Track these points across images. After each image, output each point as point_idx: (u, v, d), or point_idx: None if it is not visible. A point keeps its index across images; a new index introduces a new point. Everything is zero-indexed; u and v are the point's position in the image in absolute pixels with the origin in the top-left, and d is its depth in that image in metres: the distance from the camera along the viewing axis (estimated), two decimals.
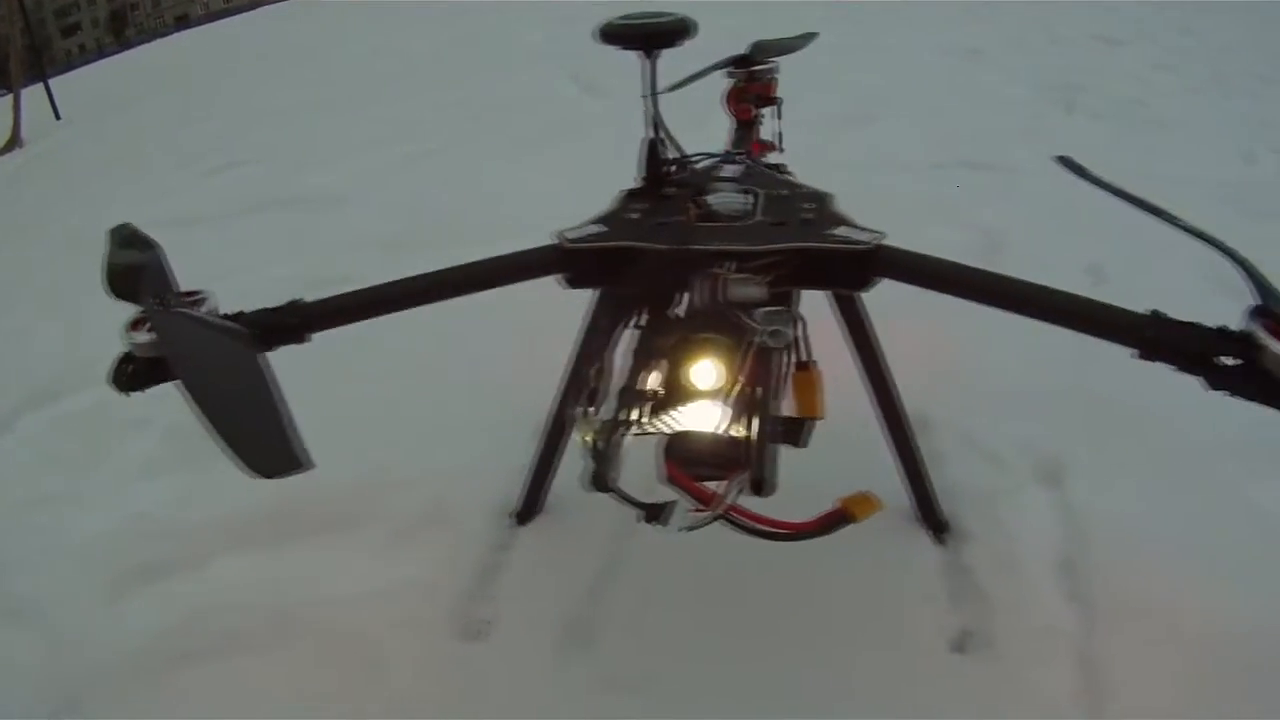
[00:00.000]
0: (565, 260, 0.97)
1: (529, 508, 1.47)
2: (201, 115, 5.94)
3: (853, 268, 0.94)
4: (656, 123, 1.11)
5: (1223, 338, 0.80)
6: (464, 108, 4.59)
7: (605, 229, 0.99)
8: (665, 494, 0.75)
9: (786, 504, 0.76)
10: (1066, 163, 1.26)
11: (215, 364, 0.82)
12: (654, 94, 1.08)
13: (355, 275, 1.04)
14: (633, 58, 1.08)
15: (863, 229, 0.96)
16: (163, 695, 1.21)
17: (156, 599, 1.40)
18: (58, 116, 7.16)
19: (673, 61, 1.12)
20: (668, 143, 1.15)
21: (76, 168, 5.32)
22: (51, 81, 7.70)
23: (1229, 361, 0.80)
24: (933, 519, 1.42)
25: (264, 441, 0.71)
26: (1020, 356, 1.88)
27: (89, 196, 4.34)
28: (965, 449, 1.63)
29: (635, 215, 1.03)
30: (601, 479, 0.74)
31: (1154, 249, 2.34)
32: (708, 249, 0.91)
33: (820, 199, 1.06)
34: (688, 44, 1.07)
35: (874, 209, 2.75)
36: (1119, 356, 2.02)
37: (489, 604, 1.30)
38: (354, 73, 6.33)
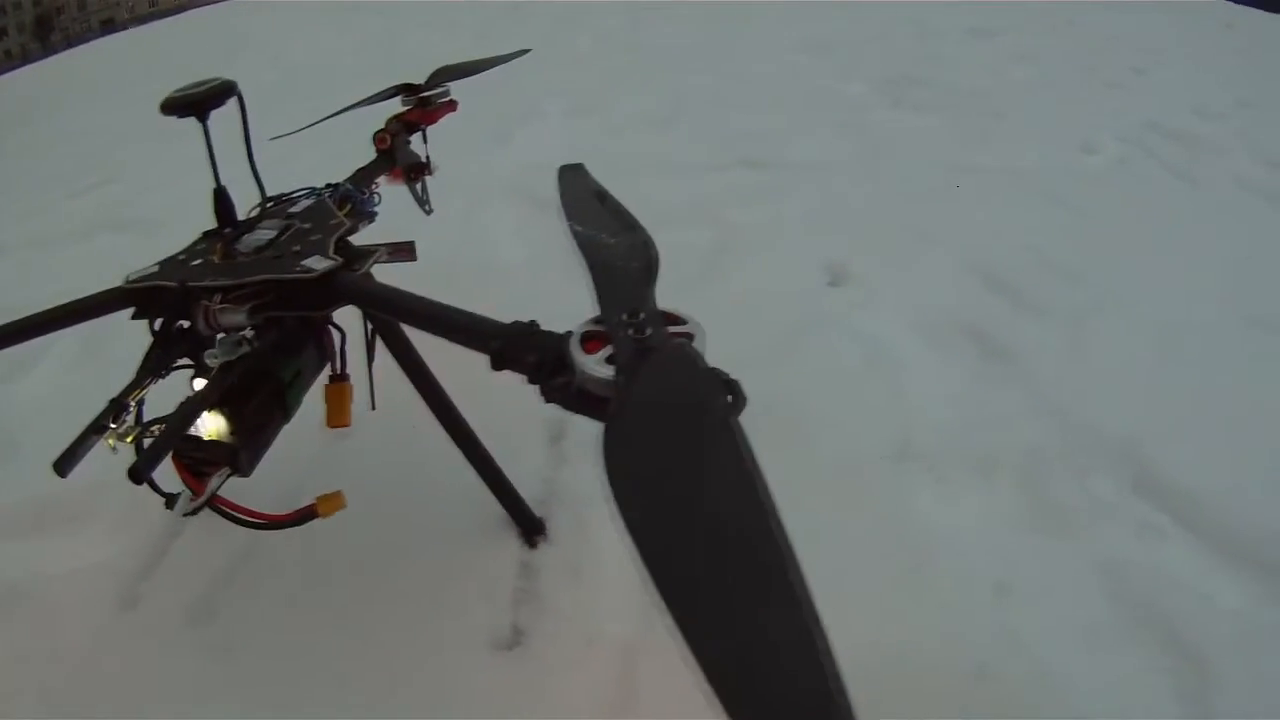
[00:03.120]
0: (125, 298, 1.12)
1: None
2: (91, 129, 5.97)
3: (312, 294, 1.06)
4: (254, 170, 1.37)
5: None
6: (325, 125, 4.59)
7: (158, 269, 1.14)
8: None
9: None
10: (568, 173, 1.31)
11: None
12: (249, 143, 1.33)
13: None
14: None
15: (329, 259, 1.08)
16: None
17: None
18: None
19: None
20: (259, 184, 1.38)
21: None
22: None
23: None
24: (524, 521, 1.50)
25: None
26: None
27: None
28: (587, 451, 1.61)
29: (183, 255, 1.18)
30: (136, 472, 0.90)
31: (907, 249, 2.33)
32: (200, 284, 1.06)
33: (330, 231, 1.18)
34: None
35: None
36: (782, 362, 2.01)
37: (149, 581, 1.54)
38: (243, 84, 6.32)
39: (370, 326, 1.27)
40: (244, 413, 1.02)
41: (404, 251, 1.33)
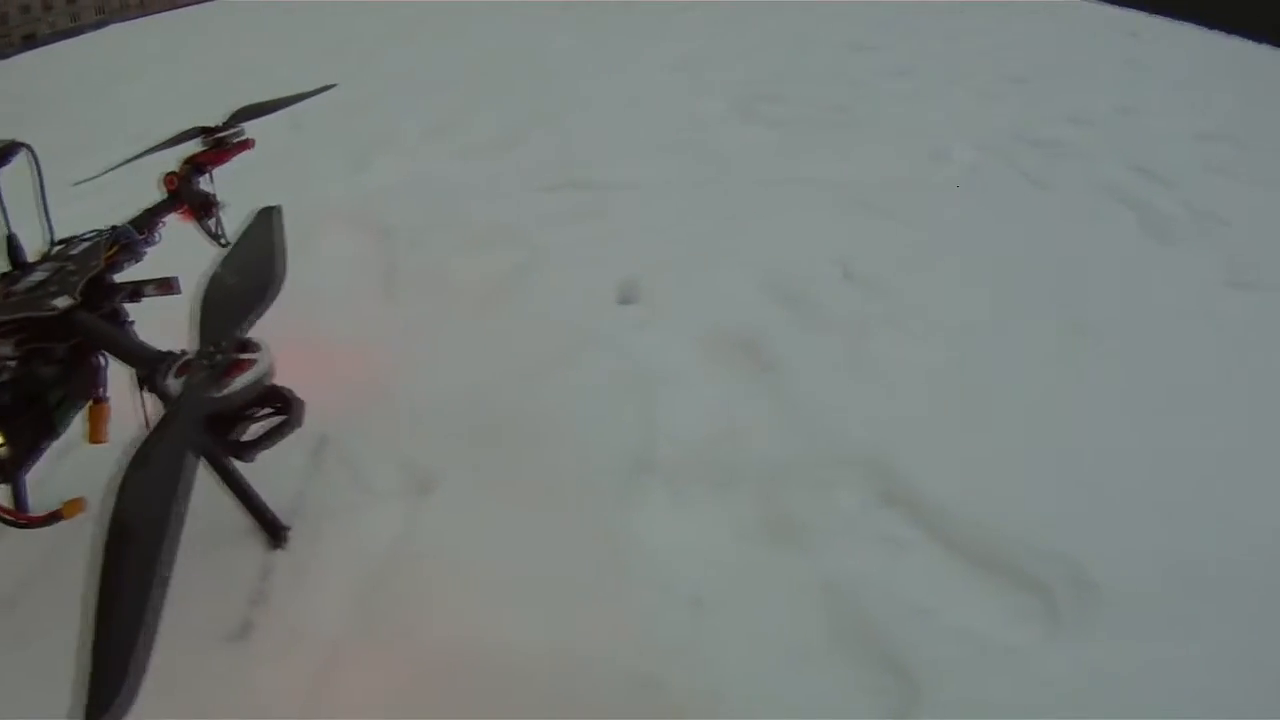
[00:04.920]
0: None
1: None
2: None
3: (56, 328, 1.26)
4: (45, 216, 1.55)
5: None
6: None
7: None
8: None
9: None
10: (260, 215, 1.59)
11: None
12: (42, 193, 1.55)
13: None
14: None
15: (70, 298, 1.27)
16: None
17: None
18: None
19: None
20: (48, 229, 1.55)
21: None
22: None
23: None
24: (270, 528, 1.65)
25: None
26: (439, 383, 2.01)
27: None
28: (343, 466, 1.81)
29: None
30: None
31: (708, 266, 2.36)
32: None
33: (86, 272, 1.35)
34: None
35: (432, 237, 2.77)
36: (543, 379, 2.03)
37: None
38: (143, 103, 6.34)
39: None
40: (11, 429, 1.24)
41: (168, 286, 1.53)
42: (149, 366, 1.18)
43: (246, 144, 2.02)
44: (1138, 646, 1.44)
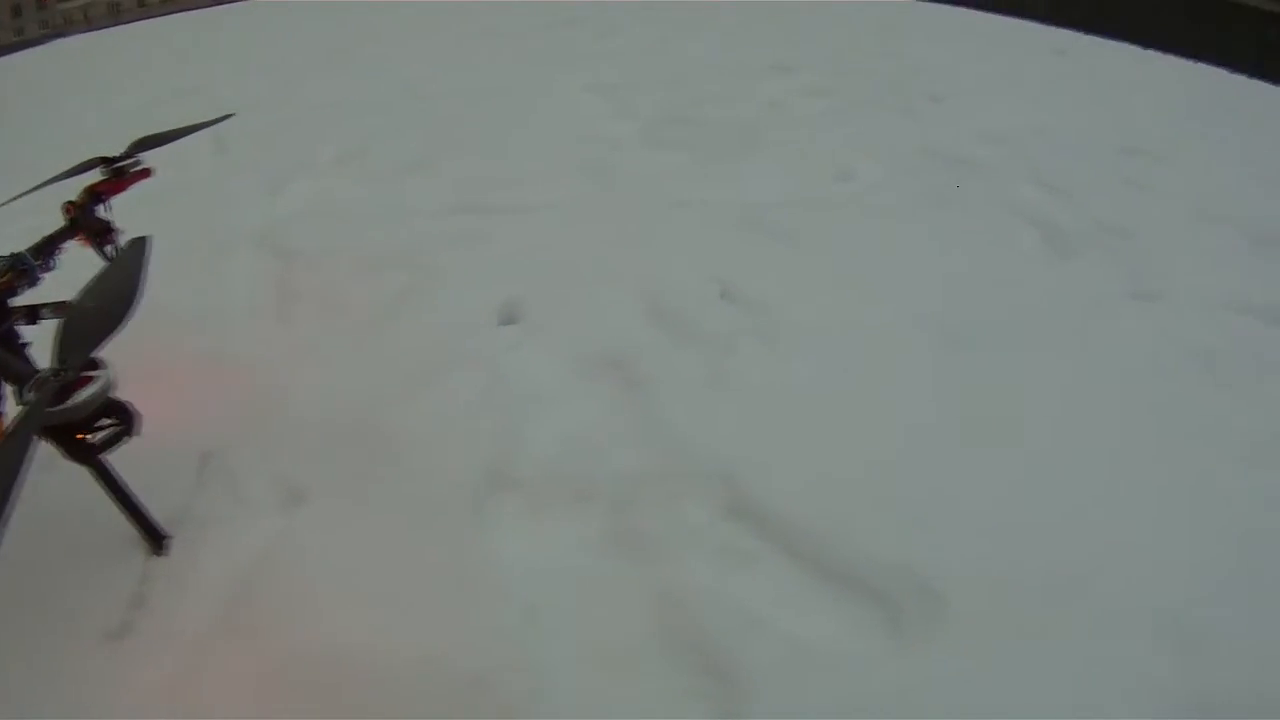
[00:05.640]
0: None
1: None
2: None
3: None
4: None
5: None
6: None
7: None
8: None
9: None
10: (130, 244, 1.64)
11: None
12: None
13: None
14: None
15: None
16: None
17: None
18: None
19: None
20: None
21: None
22: None
23: None
24: (152, 536, 1.78)
25: None
26: (319, 400, 2.12)
27: None
28: (224, 479, 1.95)
29: None
30: None
31: (590, 287, 2.45)
32: None
33: None
34: None
35: (330, 260, 2.85)
36: (411, 399, 2.11)
37: None
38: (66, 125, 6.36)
39: None
40: None
41: (63, 308, 1.65)
42: (22, 383, 1.32)
43: (144, 173, 2.16)
44: (979, 655, 1.51)
